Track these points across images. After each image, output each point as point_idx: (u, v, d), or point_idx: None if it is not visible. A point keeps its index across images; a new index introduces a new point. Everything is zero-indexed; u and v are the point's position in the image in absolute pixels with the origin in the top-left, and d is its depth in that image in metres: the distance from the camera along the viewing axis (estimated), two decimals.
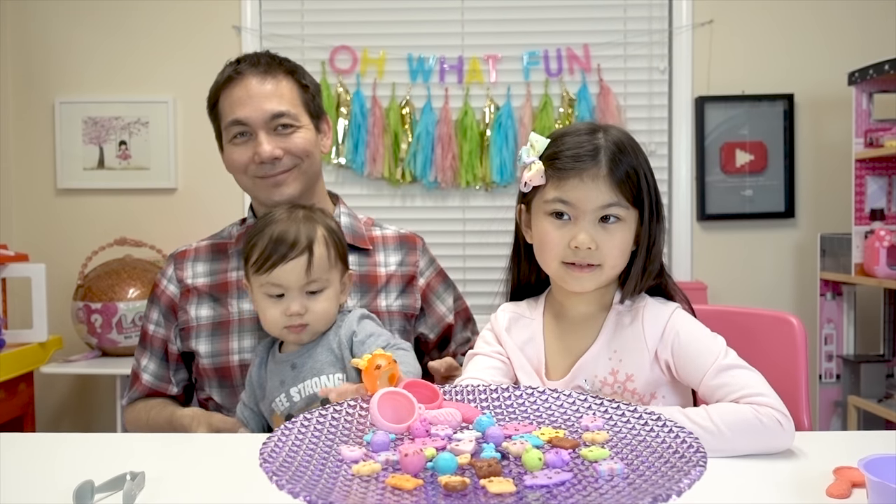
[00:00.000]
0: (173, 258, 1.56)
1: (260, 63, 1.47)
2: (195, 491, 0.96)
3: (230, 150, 1.47)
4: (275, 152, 1.42)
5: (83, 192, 3.16)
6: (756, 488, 0.94)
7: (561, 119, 3.07)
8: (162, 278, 1.54)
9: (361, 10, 3.13)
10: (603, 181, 1.12)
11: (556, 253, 1.15)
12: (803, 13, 3.10)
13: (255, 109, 1.43)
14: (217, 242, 1.57)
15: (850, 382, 2.81)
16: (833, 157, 3.08)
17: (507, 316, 1.26)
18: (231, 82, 1.46)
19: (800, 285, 3.13)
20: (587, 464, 0.75)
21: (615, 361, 1.16)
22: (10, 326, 2.69)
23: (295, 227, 1.29)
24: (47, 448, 1.16)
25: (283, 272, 1.27)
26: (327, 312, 1.30)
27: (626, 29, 3.12)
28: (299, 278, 1.27)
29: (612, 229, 1.14)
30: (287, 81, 1.48)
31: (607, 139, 1.14)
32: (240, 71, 1.47)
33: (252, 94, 1.44)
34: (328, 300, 1.30)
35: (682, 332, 1.15)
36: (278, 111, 1.44)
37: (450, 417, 0.87)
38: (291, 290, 1.28)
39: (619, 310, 1.20)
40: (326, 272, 1.30)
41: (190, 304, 1.50)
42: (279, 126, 1.44)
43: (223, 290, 1.49)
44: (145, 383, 1.51)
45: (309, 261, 1.27)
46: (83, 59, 3.15)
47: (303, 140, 1.47)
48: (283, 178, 1.45)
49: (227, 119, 1.46)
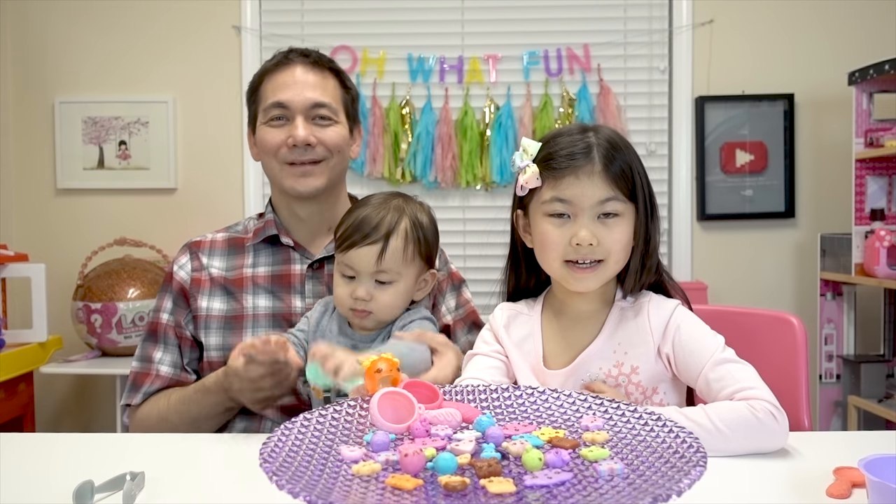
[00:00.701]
0: (188, 247, 1.55)
1: (310, 55, 1.51)
2: (195, 491, 0.96)
3: (265, 131, 1.48)
4: (309, 138, 1.44)
5: (83, 192, 3.16)
6: (756, 488, 0.93)
7: (561, 119, 3.07)
8: (175, 265, 1.52)
9: (361, 10, 3.13)
10: (598, 176, 1.13)
11: (558, 252, 1.15)
12: (804, 13, 3.10)
13: (298, 94, 1.46)
14: (234, 237, 1.55)
15: (850, 382, 2.81)
16: (833, 157, 3.08)
17: (504, 314, 1.27)
18: (278, 67, 1.49)
19: (800, 285, 3.13)
20: (587, 464, 0.75)
21: (620, 354, 1.17)
22: (10, 326, 2.69)
23: (381, 213, 1.32)
24: (47, 448, 1.16)
25: (357, 255, 1.30)
26: (392, 305, 1.33)
27: (626, 29, 3.13)
28: (370, 265, 1.30)
29: (612, 224, 1.14)
30: (332, 79, 1.52)
31: (598, 137, 1.16)
32: (289, 58, 1.50)
33: (297, 80, 1.47)
34: (396, 294, 1.32)
35: (684, 326, 1.16)
36: (320, 101, 1.47)
37: (450, 417, 0.87)
38: (362, 274, 1.30)
39: (621, 305, 1.21)
40: (399, 265, 1.31)
41: (202, 294, 1.48)
42: (317, 116, 1.47)
43: (238, 286, 1.48)
44: (164, 374, 1.46)
45: (382, 250, 1.29)
46: (83, 59, 3.15)
47: (337, 135, 1.49)
48: (312, 168, 1.47)
49: (267, 101, 1.48)
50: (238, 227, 1.59)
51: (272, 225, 1.52)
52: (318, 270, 1.51)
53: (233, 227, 1.59)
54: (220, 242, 1.55)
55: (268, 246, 1.52)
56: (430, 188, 3.12)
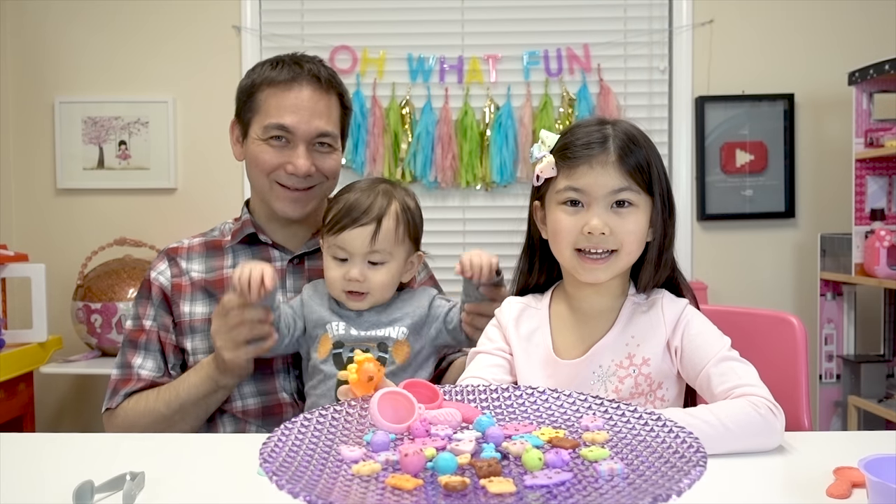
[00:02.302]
0: (165, 253, 1.53)
1: (321, 78, 1.47)
2: (195, 491, 0.96)
3: (261, 148, 1.46)
4: (310, 169, 1.44)
5: (83, 192, 3.15)
6: (756, 488, 0.93)
7: (561, 119, 3.07)
8: (151, 272, 1.51)
9: (361, 10, 3.13)
10: (612, 166, 1.13)
11: (570, 240, 1.15)
12: (803, 13, 3.10)
13: (306, 123, 1.44)
14: (210, 240, 1.55)
15: (850, 382, 2.81)
16: (833, 157, 3.08)
17: (515, 307, 1.26)
18: (287, 85, 1.45)
19: (800, 285, 3.13)
20: (587, 464, 0.75)
21: (632, 346, 1.18)
22: (9, 326, 2.69)
23: (371, 197, 1.36)
24: (47, 448, 1.16)
25: (350, 237, 1.34)
26: (386, 285, 1.37)
27: (626, 29, 3.12)
28: (363, 245, 1.34)
29: (626, 214, 1.14)
30: (336, 101, 1.50)
31: (616, 129, 1.16)
32: (299, 77, 1.45)
33: (305, 106, 1.44)
34: (388, 273, 1.37)
35: (694, 321, 1.17)
36: (325, 131, 1.46)
37: (450, 417, 0.87)
38: (355, 255, 1.35)
39: (635, 300, 1.21)
40: (391, 245, 1.36)
41: (183, 299, 1.47)
42: (319, 143, 1.46)
43: (219, 287, 1.47)
44: (145, 377, 1.44)
45: (376, 230, 1.34)
46: (83, 59, 3.15)
47: (335, 163, 1.50)
48: (304, 195, 1.47)
49: (270, 119, 1.44)
50: (214, 231, 1.58)
51: (249, 224, 1.52)
52: (298, 266, 1.52)
53: (209, 233, 1.58)
54: (198, 247, 1.54)
55: (246, 246, 1.52)
56: (430, 188, 3.12)
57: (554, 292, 1.27)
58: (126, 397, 1.44)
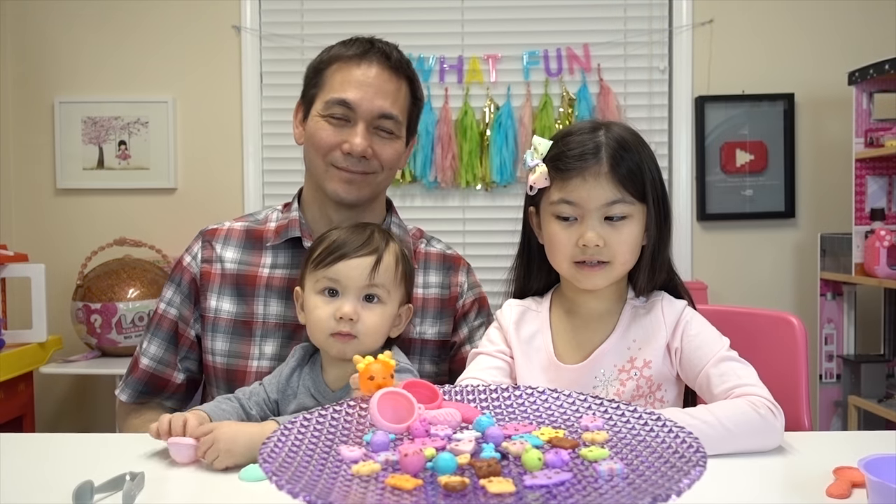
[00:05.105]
0: (202, 235, 1.46)
1: (391, 57, 1.40)
2: (195, 491, 0.96)
3: (320, 125, 1.38)
4: (367, 150, 1.36)
5: (83, 192, 3.16)
6: (756, 488, 0.93)
7: (561, 119, 3.07)
8: (186, 255, 1.45)
9: (361, 10, 3.13)
10: (605, 178, 1.13)
11: (566, 254, 1.16)
12: (804, 13, 3.09)
13: (368, 100, 1.36)
14: (253, 228, 1.46)
15: (850, 382, 2.81)
16: (833, 157, 3.08)
17: (515, 310, 1.26)
18: (356, 60, 1.38)
19: (800, 285, 3.13)
20: (587, 464, 0.75)
21: (634, 350, 1.18)
22: (9, 326, 2.69)
23: (368, 233, 1.25)
24: (47, 448, 1.16)
25: (348, 267, 1.21)
26: (377, 329, 1.22)
27: (626, 29, 3.12)
28: (361, 277, 1.21)
29: (619, 226, 1.15)
30: (406, 88, 1.42)
31: (608, 136, 1.15)
32: (369, 54, 1.39)
33: (371, 83, 1.37)
34: (382, 316, 1.23)
35: (693, 322, 1.18)
36: (388, 112, 1.38)
37: (449, 417, 0.87)
38: (349, 289, 1.21)
39: (634, 304, 1.21)
40: (390, 283, 1.23)
41: (211, 291, 1.41)
42: (380, 127, 1.39)
43: (250, 285, 1.40)
44: (143, 367, 1.40)
45: (377, 262, 1.21)
46: (82, 59, 3.15)
47: (394, 152, 1.41)
48: (360, 178, 1.38)
49: (334, 93, 1.37)
50: (259, 215, 1.49)
51: (296, 225, 1.43)
52: None
53: (253, 216, 1.50)
54: (238, 232, 1.46)
55: (288, 248, 1.43)
56: (430, 188, 3.12)
57: (553, 296, 1.27)
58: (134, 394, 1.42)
